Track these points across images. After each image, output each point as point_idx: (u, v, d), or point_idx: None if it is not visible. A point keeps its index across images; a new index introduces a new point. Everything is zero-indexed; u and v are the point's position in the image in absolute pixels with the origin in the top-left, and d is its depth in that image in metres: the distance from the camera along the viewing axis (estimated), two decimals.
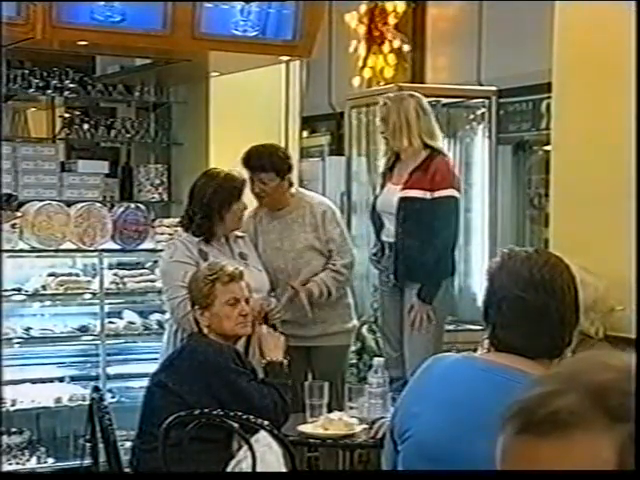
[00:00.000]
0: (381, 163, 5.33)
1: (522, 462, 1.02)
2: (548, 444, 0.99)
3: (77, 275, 5.92)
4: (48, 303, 5.87)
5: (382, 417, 3.95)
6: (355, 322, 5.36)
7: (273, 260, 5.05)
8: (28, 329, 5.76)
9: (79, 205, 5.90)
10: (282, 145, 6.47)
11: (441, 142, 5.11)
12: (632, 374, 1.01)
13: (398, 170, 5.06)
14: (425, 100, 5.14)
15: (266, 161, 4.98)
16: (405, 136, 4.94)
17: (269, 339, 4.15)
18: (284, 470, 3.59)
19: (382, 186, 5.15)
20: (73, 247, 5.83)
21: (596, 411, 0.98)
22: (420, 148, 4.95)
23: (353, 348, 5.55)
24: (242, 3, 6.28)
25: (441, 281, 5.00)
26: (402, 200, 4.95)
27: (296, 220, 5.10)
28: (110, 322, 5.90)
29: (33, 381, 5.79)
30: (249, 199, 5.00)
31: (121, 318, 6.01)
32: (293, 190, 5.16)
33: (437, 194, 4.90)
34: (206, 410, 3.65)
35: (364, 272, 5.89)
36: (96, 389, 4.35)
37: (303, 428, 4.06)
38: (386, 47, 7.32)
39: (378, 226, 5.13)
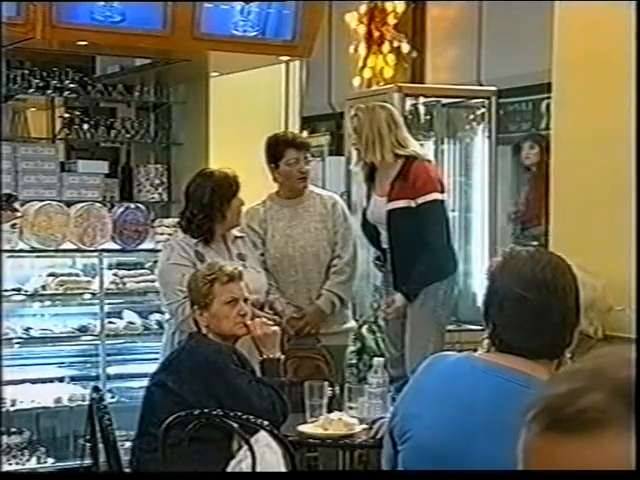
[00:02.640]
0: (356, 170, 5.32)
1: (548, 460, 1.00)
2: (576, 442, 0.98)
3: (77, 275, 5.92)
4: (48, 303, 5.87)
5: (382, 417, 3.95)
6: (353, 323, 5.39)
7: (282, 246, 5.11)
8: (28, 329, 5.76)
9: (79, 205, 5.90)
10: None
11: (415, 147, 5.06)
12: None
13: (379, 180, 5.05)
14: (396, 111, 5.15)
15: (307, 141, 5.23)
16: (378, 150, 4.94)
17: (265, 337, 4.14)
18: (284, 470, 3.59)
19: (367, 197, 5.15)
20: (73, 247, 5.83)
21: (622, 408, 0.97)
22: (392, 160, 4.95)
23: (353, 348, 5.56)
24: (242, 3, 6.28)
25: (435, 279, 5.00)
26: (390, 213, 4.97)
27: (307, 210, 5.17)
28: (110, 322, 5.90)
29: (33, 381, 5.78)
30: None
31: (121, 318, 6.01)
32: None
33: (421, 200, 4.90)
34: (206, 410, 3.65)
35: (364, 272, 5.89)
36: (96, 389, 4.35)
37: (303, 428, 4.06)
38: (386, 47, 7.32)
39: (375, 235, 5.14)
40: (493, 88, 6.31)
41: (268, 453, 3.58)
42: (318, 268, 5.13)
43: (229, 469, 3.69)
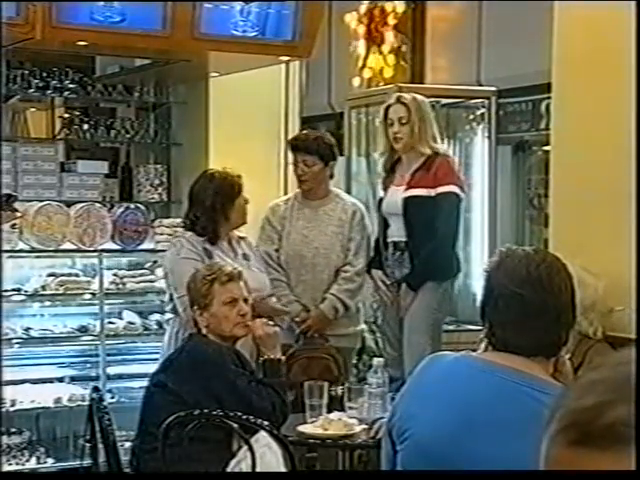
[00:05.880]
0: (379, 162, 5.34)
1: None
2: (608, 458, 0.96)
3: (77, 275, 5.92)
4: (48, 303, 5.87)
5: (382, 417, 3.95)
6: (363, 326, 5.42)
7: (296, 245, 5.16)
8: (28, 329, 5.76)
9: (79, 205, 5.90)
10: (281, 145, 6.50)
11: (441, 143, 5.13)
12: None
13: (400, 171, 5.08)
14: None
15: (311, 144, 5.15)
16: (424, 139, 4.97)
17: (266, 337, 4.14)
18: (284, 470, 3.59)
19: (384, 189, 5.16)
20: (73, 247, 5.83)
21: None
22: (429, 151, 4.98)
23: None
24: (242, 3, 6.28)
25: (439, 279, 5.00)
26: (406, 200, 4.98)
27: (327, 213, 5.21)
28: (110, 322, 5.90)
29: (33, 381, 5.78)
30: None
31: (121, 318, 6.01)
32: (332, 187, 5.29)
33: (440, 190, 4.92)
34: (206, 410, 3.65)
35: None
36: (96, 389, 4.35)
37: (303, 428, 4.06)
38: (386, 47, 7.31)
39: (384, 228, 5.16)
40: (493, 88, 6.31)
41: (268, 453, 3.58)
42: (328, 271, 5.16)
43: (229, 469, 3.69)
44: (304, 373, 4.56)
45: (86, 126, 7.26)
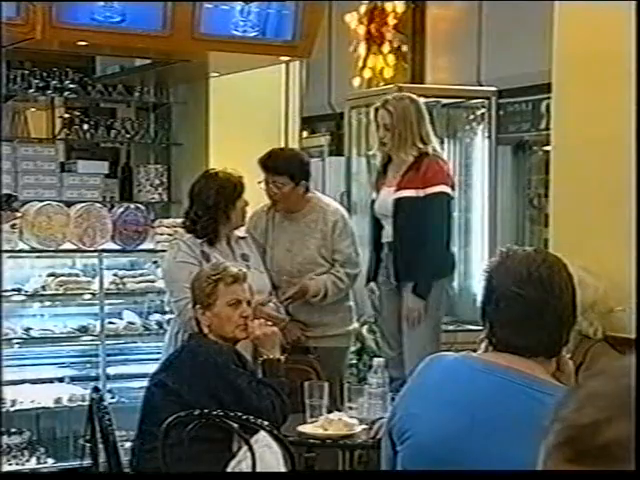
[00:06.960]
0: (377, 159, 5.34)
1: None
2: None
3: (77, 275, 5.92)
4: (48, 303, 5.86)
5: (382, 417, 3.95)
6: (356, 325, 5.38)
7: (280, 260, 5.07)
8: (28, 329, 5.76)
9: (79, 205, 5.90)
10: (281, 145, 6.49)
11: (435, 143, 5.10)
12: None
13: (391, 172, 5.08)
14: (421, 101, 5.16)
15: (282, 164, 4.99)
16: (409, 144, 4.95)
17: (264, 338, 4.14)
18: (284, 470, 3.59)
19: (377, 190, 5.17)
20: (73, 247, 5.83)
21: None
22: (416, 152, 4.97)
23: (353, 348, 5.56)
24: (242, 3, 6.28)
25: (436, 277, 5.01)
26: (396, 201, 4.99)
27: (308, 225, 5.09)
28: (110, 322, 5.90)
29: (33, 381, 5.78)
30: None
31: (121, 318, 6.01)
32: (309, 194, 5.13)
33: (429, 190, 4.93)
34: (206, 410, 3.65)
35: (364, 272, 5.89)
36: (96, 389, 4.35)
37: (303, 428, 4.06)
38: (386, 48, 7.32)
39: (378, 229, 5.16)
40: (493, 88, 6.32)
41: (268, 453, 3.58)
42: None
43: (229, 469, 3.70)
44: None
45: (86, 126, 7.26)
